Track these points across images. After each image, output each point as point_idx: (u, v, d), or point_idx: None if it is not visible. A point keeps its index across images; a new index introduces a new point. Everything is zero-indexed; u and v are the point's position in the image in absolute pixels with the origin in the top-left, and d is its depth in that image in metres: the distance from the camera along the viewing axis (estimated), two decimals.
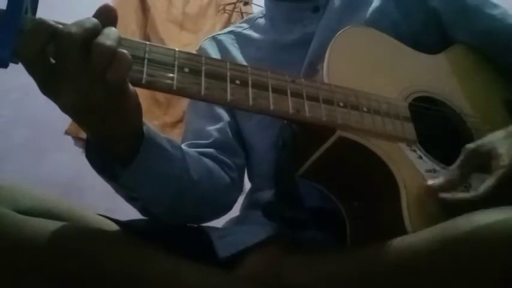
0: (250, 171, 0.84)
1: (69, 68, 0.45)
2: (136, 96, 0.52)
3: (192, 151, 0.72)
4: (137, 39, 0.52)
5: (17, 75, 0.59)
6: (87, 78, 0.45)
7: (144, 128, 0.56)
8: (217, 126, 0.80)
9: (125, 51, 0.45)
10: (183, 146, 0.75)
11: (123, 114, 0.51)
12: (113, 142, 0.54)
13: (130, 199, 0.61)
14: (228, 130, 0.80)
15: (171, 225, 0.65)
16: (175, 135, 2.33)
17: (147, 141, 0.56)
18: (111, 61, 0.44)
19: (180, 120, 2.40)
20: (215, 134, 0.79)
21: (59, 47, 0.44)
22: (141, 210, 0.64)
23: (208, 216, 0.74)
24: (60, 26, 0.45)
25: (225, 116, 0.82)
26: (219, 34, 0.90)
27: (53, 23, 0.45)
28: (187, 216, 0.68)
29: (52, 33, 0.44)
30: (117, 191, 0.61)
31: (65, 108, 0.48)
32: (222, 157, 0.76)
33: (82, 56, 0.44)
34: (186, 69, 0.51)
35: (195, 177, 0.65)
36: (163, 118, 2.41)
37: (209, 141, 0.78)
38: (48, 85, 0.46)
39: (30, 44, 0.43)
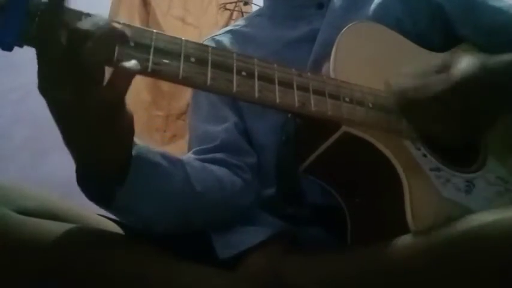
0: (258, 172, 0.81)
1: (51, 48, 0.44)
2: (131, 118, 0.51)
3: (196, 162, 0.69)
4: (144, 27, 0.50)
5: (17, 75, 0.59)
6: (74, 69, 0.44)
7: (134, 149, 0.55)
8: (223, 126, 0.77)
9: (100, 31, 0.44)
10: (189, 154, 0.73)
11: (115, 133, 0.50)
12: (101, 165, 0.52)
13: (131, 223, 0.60)
14: (235, 130, 0.77)
15: None
16: (180, 126, 2.32)
17: (136, 160, 0.54)
18: (83, 41, 0.43)
19: (184, 112, 2.37)
20: (221, 135, 0.75)
21: (41, 22, 0.43)
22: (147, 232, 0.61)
23: (228, 219, 0.69)
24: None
25: (231, 116, 0.78)
26: (217, 35, 0.89)
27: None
28: (200, 227, 0.65)
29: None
30: (118, 217, 0.59)
31: (58, 105, 0.47)
32: (231, 160, 0.73)
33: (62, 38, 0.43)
34: (193, 59, 0.51)
35: (199, 188, 0.63)
36: (168, 109, 2.39)
37: (216, 143, 0.74)
38: (50, 76, 0.45)
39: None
